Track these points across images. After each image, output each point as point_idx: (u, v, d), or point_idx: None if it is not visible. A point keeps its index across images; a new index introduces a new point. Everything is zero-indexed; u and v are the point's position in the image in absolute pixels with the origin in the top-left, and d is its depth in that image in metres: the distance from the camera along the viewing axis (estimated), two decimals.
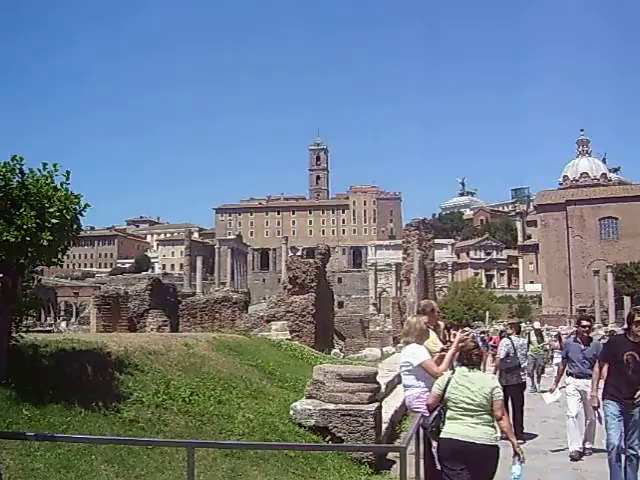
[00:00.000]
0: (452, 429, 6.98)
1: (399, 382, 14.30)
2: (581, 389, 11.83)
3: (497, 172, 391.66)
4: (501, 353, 14.73)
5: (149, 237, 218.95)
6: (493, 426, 6.99)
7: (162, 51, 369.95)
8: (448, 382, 7.20)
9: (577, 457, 11.39)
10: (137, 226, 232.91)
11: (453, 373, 7.38)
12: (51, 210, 8.06)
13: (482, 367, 8.55)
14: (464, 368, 7.31)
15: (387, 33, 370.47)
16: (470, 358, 7.34)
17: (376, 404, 10.05)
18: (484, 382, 7.12)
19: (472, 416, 6.93)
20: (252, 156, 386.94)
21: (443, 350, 9.13)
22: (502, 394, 7.20)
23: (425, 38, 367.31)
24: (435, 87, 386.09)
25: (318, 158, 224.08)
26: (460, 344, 7.98)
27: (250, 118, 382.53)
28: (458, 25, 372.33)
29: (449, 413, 7.08)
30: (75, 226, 8.68)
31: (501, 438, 7.02)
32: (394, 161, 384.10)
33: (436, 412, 7.23)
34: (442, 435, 7.08)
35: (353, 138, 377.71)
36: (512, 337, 15.18)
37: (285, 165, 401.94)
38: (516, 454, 7.00)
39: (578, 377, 11.97)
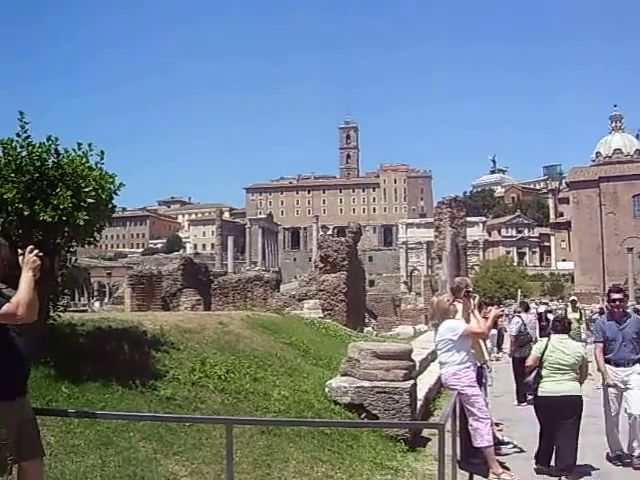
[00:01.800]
0: (547, 386, 8.84)
1: (433, 359, 14.33)
2: (621, 379, 9.78)
3: (528, 149, 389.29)
4: (513, 330, 16.56)
5: (180, 217, 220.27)
6: (578, 381, 8.90)
7: (194, 25, 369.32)
8: (546, 347, 9.05)
9: (616, 461, 9.64)
10: (168, 206, 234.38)
11: (549, 340, 9.19)
12: (87, 190, 8.12)
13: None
14: (562, 335, 9.21)
15: (416, 9, 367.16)
16: (565, 327, 9.32)
17: (411, 381, 10.02)
18: (576, 348, 9.12)
19: (563, 374, 8.78)
20: (282, 135, 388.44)
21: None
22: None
23: (455, 15, 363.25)
24: (466, 64, 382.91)
25: (348, 137, 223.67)
26: (496, 319, 9.36)
27: (280, 97, 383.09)
28: (490, 3, 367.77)
29: (544, 372, 8.89)
30: (110, 205, 8.76)
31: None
32: (424, 139, 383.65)
33: (535, 372, 9.03)
34: (539, 392, 8.92)
35: (383, 116, 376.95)
36: (522, 315, 16.76)
37: (315, 144, 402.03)
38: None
39: (617, 365, 9.82)
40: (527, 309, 19.80)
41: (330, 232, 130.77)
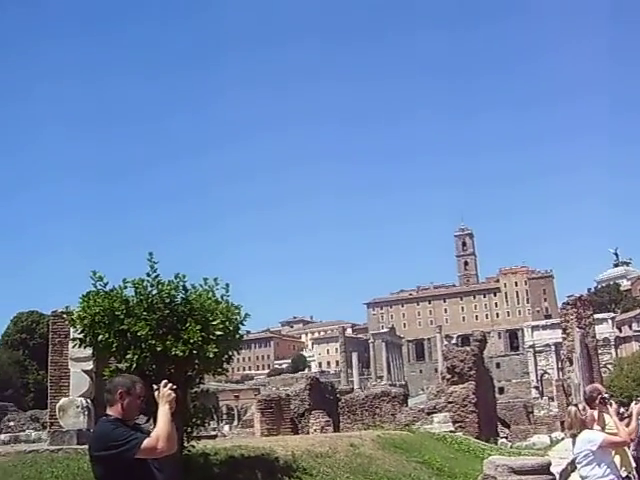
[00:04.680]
0: None
1: (572, 470, 13.77)
2: None
3: None
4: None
5: (304, 336, 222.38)
6: None
7: (309, 130, 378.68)
8: None
9: None
10: (291, 326, 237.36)
11: None
12: (214, 323, 8.43)
13: None
14: None
15: (527, 116, 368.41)
16: None
17: None
18: None
19: None
20: (398, 247, 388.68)
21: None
22: None
23: (566, 117, 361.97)
24: (579, 160, 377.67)
25: (464, 243, 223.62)
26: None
27: (392, 209, 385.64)
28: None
29: None
30: (237, 336, 9.03)
31: None
32: (542, 239, 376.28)
33: None
34: None
35: (498, 220, 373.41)
36: None
37: (431, 253, 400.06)
38: None
39: None
40: None
41: (454, 341, 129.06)
